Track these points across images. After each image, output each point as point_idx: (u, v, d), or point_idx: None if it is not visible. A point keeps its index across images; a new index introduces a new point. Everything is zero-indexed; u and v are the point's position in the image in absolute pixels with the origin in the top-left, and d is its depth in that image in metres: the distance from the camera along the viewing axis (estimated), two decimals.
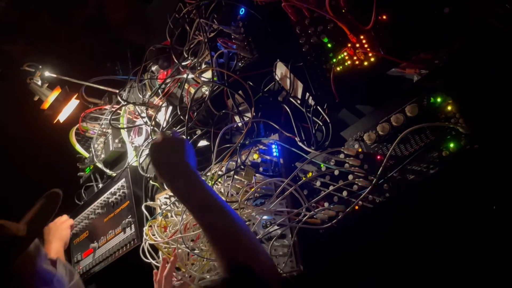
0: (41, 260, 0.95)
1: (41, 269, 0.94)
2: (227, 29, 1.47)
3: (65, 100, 1.91)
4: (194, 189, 0.94)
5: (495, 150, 0.89)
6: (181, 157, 1.01)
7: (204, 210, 0.93)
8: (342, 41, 1.09)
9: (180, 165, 0.99)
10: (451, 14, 0.96)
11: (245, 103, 1.44)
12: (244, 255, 0.84)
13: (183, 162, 1.00)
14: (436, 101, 0.95)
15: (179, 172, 0.98)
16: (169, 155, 1.02)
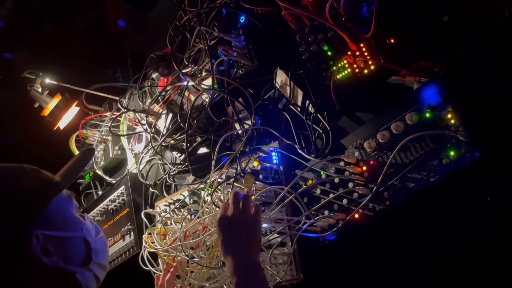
0: (72, 207, 0.99)
1: (71, 215, 0.98)
2: (228, 37, 1.48)
3: (65, 107, 1.91)
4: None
5: (495, 158, 0.89)
6: (249, 252, 1.00)
7: None
8: (342, 49, 1.09)
9: (245, 259, 0.99)
10: (450, 22, 0.96)
11: (245, 110, 1.45)
12: None
13: (249, 258, 0.99)
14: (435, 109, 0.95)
15: (243, 266, 0.98)
16: (239, 245, 1.01)
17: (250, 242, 1.02)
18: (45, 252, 0.88)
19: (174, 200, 1.56)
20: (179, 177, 1.71)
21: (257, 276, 0.97)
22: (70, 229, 0.96)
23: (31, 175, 0.93)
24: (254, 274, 0.97)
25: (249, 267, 0.98)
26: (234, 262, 0.98)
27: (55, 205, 0.93)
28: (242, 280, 0.95)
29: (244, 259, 0.99)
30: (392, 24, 1.02)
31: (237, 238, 1.02)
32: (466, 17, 0.97)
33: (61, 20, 2.51)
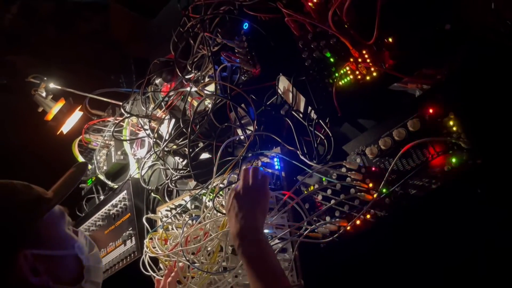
0: (64, 224, 0.98)
1: (63, 232, 0.97)
2: (231, 43, 1.49)
3: (68, 111, 1.92)
4: (260, 260, 0.95)
5: (497, 165, 0.89)
6: (260, 223, 1.02)
7: (260, 278, 0.93)
8: (344, 56, 1.10)
9: (257, 233, 1.00)
10: (452, 30, 0.97)
11: (247, 116, 1.45)
12: None
13: (259, 232, 1.00)
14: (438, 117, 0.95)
15: (254, 241, 0.99)
16: (252, 212, 1.02)
17: (255, 209, 1.03)
18: (33, 271, 0.87)
19: (176, 205, 1.57)
20: (181, 182, 1.71)
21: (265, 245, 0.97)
22: (61, 247, 0.95)
23: (21, 191, 0.92)
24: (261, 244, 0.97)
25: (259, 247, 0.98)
26: (236, 229, 1.00)
27: (46, 222, 0.92)
28: (249, 247, 0.96)
29: (248, 226, 0.99)
30: (395, 31, 1.03)
31: (244, 206, 1.03)
32: (468, 25, 0.98)
33: (66, 25, 2.53)
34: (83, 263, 0.99)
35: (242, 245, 0.98)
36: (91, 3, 2.56)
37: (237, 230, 1.00)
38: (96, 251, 1.09)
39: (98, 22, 2.63)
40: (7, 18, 2.49)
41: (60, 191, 0.99)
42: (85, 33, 2.63)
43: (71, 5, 2.50)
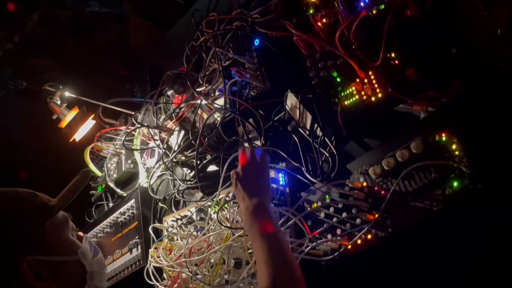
0: (68, 230, 1.01)
1: (67, 238, 1.00)
2: (242, 59, 1.52)
3: (82, 119, 1.97)
4: (263, 229, 0.98)
5: (498, 190, 0.89)
6: (263, 199, 1.05)
7: (267, 245, 0.95)
8: (350, 76, 1.11)
9: (259, 205, 1.04)
10: (458, 54, 0.98)
11: (255, 131, 1.47)
12: None
13: (261, 210, 1.03)
14: (441, 140, 0.96)
15: (256, 211, 1.03)
16: (254, 193, 1.06)
17: (257, 186, 1.08)
18: (37, 276, 0.90)
19: (182, 216, 1.58)
20: (188, 193, 1.73)
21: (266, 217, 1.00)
22: (64, 253, 0.98)
23: (25, 199, 0.96)
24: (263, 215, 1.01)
25: (256, 210, 1.02)
26: (244, 207, 1.05)
27: (50, 229, 0.95)
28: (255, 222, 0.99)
29: (249, 211, 1.03)
30: (401, 54, 1.04)
31: (247, 184, 1.08)
32: (474, 50, 0.99)
33: (84, 34, 2.60)
34: (86, 268, 1.02)
35: (250, 222, 1.01)
36: (109, 13, 2.63)
37: (245, 208, 1.05)
38: (101, 256, 1.12)
39: (115, 31, 2.70)
40: (29, 25, 2.57)
41: (63, 198, 1.02)
42: (103, 41, 2.70)
43: (90, 14, 2.57)
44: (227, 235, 1.26)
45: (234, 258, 1.28)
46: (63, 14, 2.53)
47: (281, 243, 0.95)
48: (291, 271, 0.91)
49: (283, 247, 0.95)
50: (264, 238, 0.96)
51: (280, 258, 0.92)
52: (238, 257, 1.28)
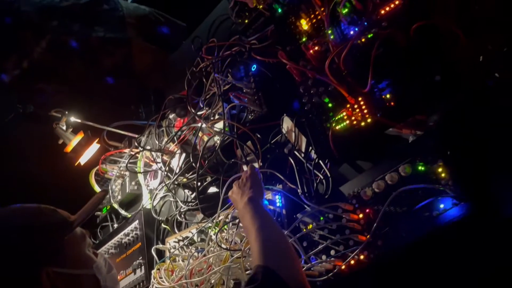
0: (85, 245, 1.06)
1: (83, 253, 1.05)
2: (240, 84, 1.57)
3: (86, 144, 2.03)
4: (254, 220, 1.08)
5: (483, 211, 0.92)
6: (255, 196, 1.17)
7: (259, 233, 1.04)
8: (341, 102, 1.16)
9: (252, 203, 1.14)
10: (442, 82, 1.02)
11: (256, 153, 1.52)
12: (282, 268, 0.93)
13: (254, 201, 1.15)
14: (428, 164, 1.00)
15: (249, 206, 1.13)
16: (248, 192, 1.19)
17: (244, 192, 1.20)
18: (54, 287, 0.95)
19: (183, 237, 1.62)
20: (190, 214, 1.77)
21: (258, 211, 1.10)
22: (81, 266, 1.02)
23: (47, 214, 1.02)
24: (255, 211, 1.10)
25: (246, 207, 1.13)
26: (240, 202, 1.17)
27: (68, 243, 1.01)
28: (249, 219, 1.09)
29: (243, 203, 1.15)
30: (389, 81, 1.09)
31: (243, 189, 1.21)
32: (457, 77, 1.03)
33: (90, 58, 2.68)
34: (101, 283, 1.07)
35: (243, 213, 1.13)
36: (114, 38, 2.71)
37: (240, 202, 1.17)
38: (114, 272, 1.16)
39: (120, 55, 2.77)
40: (37, 51, 2.65)
41: (81, 215, 1.09)
42: (108, 65, 2.77)
43: (95, 39, 2.66)
44: (226, 256, 1.30)
45: (234, 279, 1.32)
46: (70, 40, 2.62)
47: (270, 225, 1.06)
48: (281, 246, 1.00)
49: (271, 227, 1.05)
50: (254, 223, 1.06)
51: (269, 238, 1.01)
52: (237, 278, 1.31)
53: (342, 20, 1.20)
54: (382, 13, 1.14)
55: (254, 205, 1.12)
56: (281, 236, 1.05)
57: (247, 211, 1.11)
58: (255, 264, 0.94)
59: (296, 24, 1.35)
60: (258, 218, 1.07)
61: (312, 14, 1.32)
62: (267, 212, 1.13)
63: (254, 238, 1.01)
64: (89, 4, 2.67)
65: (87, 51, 2.71)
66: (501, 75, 1.01)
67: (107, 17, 2.68)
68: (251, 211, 1.10)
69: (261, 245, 0.98)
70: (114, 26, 2.69)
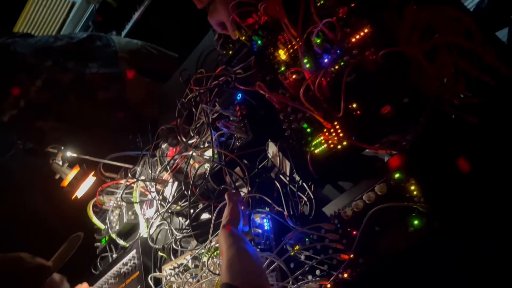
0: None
1: None
2: (226, 112, 1.64)
3: (82, 177, 2.09)
4: (224, 244, 1.19)
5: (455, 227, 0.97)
6: (228, 222, 1.28)
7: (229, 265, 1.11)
8: (318, 127, 1.22)
9: (224, 229, 1.25)
10: (410, 103, 1.08)
11: (244, 178, 1.57)
12: None
13: (228, 228, 1.25)
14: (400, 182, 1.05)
15: (221, 233, 1.24)
16: (223, 220, 1.31)
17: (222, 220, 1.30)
18: None
19: (178, 264, 1.66)
20: (185, 241, 1.81)
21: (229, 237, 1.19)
22: None
23: (26, 261, 1.09)
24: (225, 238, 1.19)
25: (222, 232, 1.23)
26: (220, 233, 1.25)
27: (48, 287, 1.07)
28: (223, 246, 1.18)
29: (219, 230, 1.25)
30: (361, 105, 1.15)
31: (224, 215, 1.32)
32: (425, 98, 1.09)
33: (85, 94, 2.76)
34: None
35: (219, 237, 1.23)
36: (108, 73, 2.80)
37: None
38: None
39: (114, 90, 2.86)
40: (33, 90, 2.74)
41: (58, 260, 1.15)
42: (103, 100, 2.85)
43: (90, 76, 2.74)
44: (218, 281, 1.33)
45: None
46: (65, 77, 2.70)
47: (236, 247, 1.14)
48: (244, 264, 1.09)
49: (237, 248, 1.14)
50: (223, 246, 1.16)
51: (233, 257, 1.10)
52: None
53: (316, 50, 1.28)
54: (352, 41, 1.22)
55: (225, 231, 1.21)
56: (244, 255, 1.12)
57: (220, 237, 1.20)
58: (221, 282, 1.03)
59: (274, 54, 1.43)
60: (227, 242, 1.16)
61: (289, 44, 1.39)
62: (237, 236, 1.20)
63: (223, 260, 1.11)
64: (83, 42, 2.77)
65: (81, 87, 2.79)
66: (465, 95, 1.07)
67: (100, 53, 2.78)
68: (222, 236, 1.20)
69: (226, 265, 1.07)
70: (107, 61, 2.78)
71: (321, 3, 1.33)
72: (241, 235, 1.24)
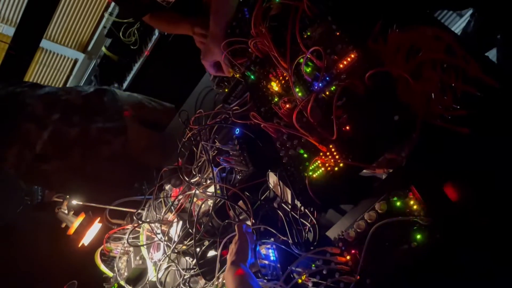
0: None
1: None
2: (226, 147, 1.67)
3: (88, 224, 2.10)
4: (231, 282, 1.21)
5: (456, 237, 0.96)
6: (237, 260, 1.29)
7: None
8: (314, 151, 1.24)
9: (233, 266, 1.27)
10: (401, 120, 1.10)
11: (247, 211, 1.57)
12: None
13: (234, 265, 1.27)
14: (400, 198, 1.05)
15: (230, 271, 1.26)
16: (232, 257, 1.32)
17: (230, 256, 1.32)
18: None
19: None
20: (194, 281, 1.79)
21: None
22: None
23: None
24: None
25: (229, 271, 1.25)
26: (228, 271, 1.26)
27: None
28: None
29: (227, 267, 1.27)
30: (354, 127, 1.17)
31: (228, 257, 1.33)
32: (414, 115, 1.11)
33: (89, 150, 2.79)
34: None
35: (227, 275, 1.25)
36: (112, 127, 2.85)
37: (227, 266, 1.28)
38: None
39: (118, 143, 2.89)
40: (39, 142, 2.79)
41: None
42: (107, 155, 2.87)
43: (95, 130, 2.80)
44: None
45: None
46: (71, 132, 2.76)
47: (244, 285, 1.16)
48: None
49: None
50: (231, 285, 1.18)
51: None
52: None
53: (306, 78, 1.32)
54: (341, 67, 1.26)
55: (233, 269, 1.23)
56: None
57: (228, 275, 1.22)
58: None
59: (267, 87, 1.47)
60: (235, 280, 1.18)
61: (280, 76, 1.44)
62: (246, 275, 1.21)
63: None
64: (90, 97, 2.85)
65: (85, 141, 2.83)
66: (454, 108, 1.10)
67: (107, 108, 2.85)
68: (230, 275, 1.21)
69: None
70: (112, 115, 2.85)
71: (308, 34, 1.39)
72: (249, 272, 1.24)
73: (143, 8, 2.02)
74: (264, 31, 1.45)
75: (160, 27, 2.65)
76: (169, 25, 2.14)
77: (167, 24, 2.14)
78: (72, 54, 4.64)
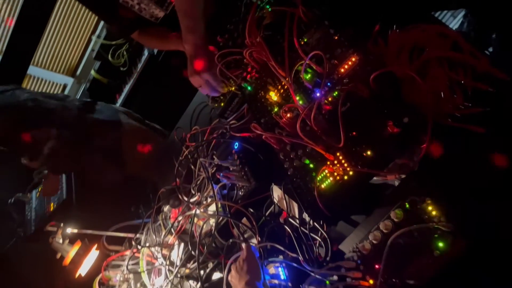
0: None
1: None
2: (225, 163, 1.60)
3: (85, 252, 2.00)
4: None
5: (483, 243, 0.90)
6: (251, 279, 1.26)
7: None
8: (321, 160, 1.17)
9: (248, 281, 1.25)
10: (411, 123, 1.04)
11: (252, 228, 1.50)
12: None
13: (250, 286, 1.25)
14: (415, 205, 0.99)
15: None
16: (245, 276, 1.28)
17: (241, 276, 1.28)
18: None
19: None
20: None
21: None
22: None
23: None
24: None
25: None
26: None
27: None
28: None
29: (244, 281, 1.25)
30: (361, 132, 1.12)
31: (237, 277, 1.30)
32: (424, 116, 1.06)
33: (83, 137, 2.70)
34: None
35: None
36: (108, 120, 2.77)
37: (238, 286, 1.26)
38: None
39: (111, 138, 2.78)
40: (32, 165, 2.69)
41: None
42: (98, 146, 2.78)
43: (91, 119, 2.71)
44: None
45: None
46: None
47: None
48: None
49: None
50: None
51: None
52: None
53: (307, 85, 1.26)
54: (342, 72, 1.21)
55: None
56: None
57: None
58: None
59: (266, 97, 1.42)
60: None
61: (279, 85, 1.39)
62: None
63: None
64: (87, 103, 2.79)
65: (81, 128, 2.75)
66: (465, 106, 1.05)
67: (102, 110, 2.79)
68: None
69: None
70: (108, 115, 2.78)
71: (304, 41, 1.34)
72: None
73: (131, 25, 1.97)
74: (259, 40, 1.41)
75: (149, 43, 2.60)
76: (159, 41, 2.09)
77: (157, 40, 2.09)
78: (61, 80, 4.57)
